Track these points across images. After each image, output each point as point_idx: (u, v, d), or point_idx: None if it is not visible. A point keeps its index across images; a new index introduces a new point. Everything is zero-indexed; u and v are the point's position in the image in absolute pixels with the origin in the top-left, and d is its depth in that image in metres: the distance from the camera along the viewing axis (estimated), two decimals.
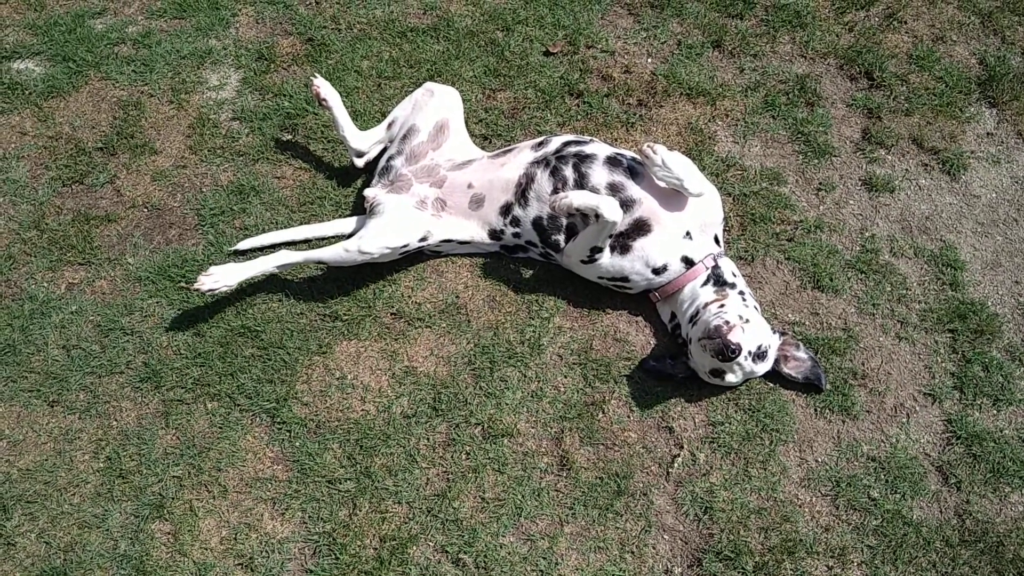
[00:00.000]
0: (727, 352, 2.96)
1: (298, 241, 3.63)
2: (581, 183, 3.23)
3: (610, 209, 3.06)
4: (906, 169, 3.84)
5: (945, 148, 3.87)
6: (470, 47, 4.17)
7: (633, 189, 3.21)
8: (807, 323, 3.47)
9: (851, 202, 3.76)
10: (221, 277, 3.28)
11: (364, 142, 3.65)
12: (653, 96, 4.00)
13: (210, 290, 3.26)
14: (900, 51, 4.15)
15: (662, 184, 3.16)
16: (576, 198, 3.08)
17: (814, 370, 3.26)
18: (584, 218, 3.18)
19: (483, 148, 3.76)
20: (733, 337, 2.96)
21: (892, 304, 3.50)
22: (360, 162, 3.71)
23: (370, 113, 3.96)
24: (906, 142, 3.90)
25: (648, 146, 3.11)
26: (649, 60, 4.14)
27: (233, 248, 3.61)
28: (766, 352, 3.15)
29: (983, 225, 3.70)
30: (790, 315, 3.49)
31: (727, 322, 3.01)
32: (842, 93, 4.04)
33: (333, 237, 3.64)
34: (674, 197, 3.19)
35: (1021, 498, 3.12)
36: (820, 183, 3.79)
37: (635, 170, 3.25)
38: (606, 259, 3.26)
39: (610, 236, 3.19)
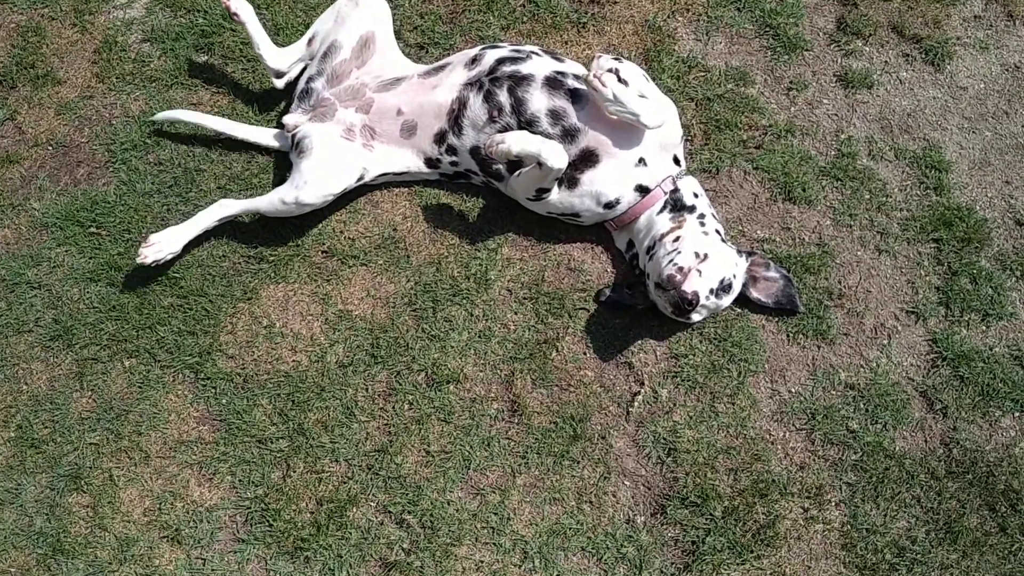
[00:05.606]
0: (683, 305, 2.73)
1: (214, 130, 3.39)
2: (518, 109, 2.93)
3: (553, 155, 2.78)
4: (885, 61, 3.52)
5: (928, 35, 3.53)
6: None
7: (577, 116, 2.91)
8: (778, 239, 3.22)
9: (825, 101, 3.45)
10: (164, 245, 3.08)
11: (283, 60, 3.33)
12: None
13: (155, 261, 3.05)
14: None
15: (614, 118, 2.86)
16: (514, 143, 2.78)
17: (786, 290, 3.04)
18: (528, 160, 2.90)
19: (418, 61, 3.44)
20: (688, 287, 2.71)
21: (871, 213, 3.24)
22: (280, 83, 3.39)
23: (293, 26, 3.61)
24: (885, 30, 3.56)
25: (595, 75, 2.78)
26: None
27: (150, 118, 3.41)
28: (731, 284, 2.91)
29: (970, 120, 3.40)
30: (759, 231, 3.23)
31: (680, 268, 2.75)
32: None
33: (252, 144, 3.41)
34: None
35: (1012, 422, 2.94)
36: (791, 81, 3.48)
37: (579, 93, 2.94)
38: (554, 196, 2.99)
39: (556, 179, 2.92)
